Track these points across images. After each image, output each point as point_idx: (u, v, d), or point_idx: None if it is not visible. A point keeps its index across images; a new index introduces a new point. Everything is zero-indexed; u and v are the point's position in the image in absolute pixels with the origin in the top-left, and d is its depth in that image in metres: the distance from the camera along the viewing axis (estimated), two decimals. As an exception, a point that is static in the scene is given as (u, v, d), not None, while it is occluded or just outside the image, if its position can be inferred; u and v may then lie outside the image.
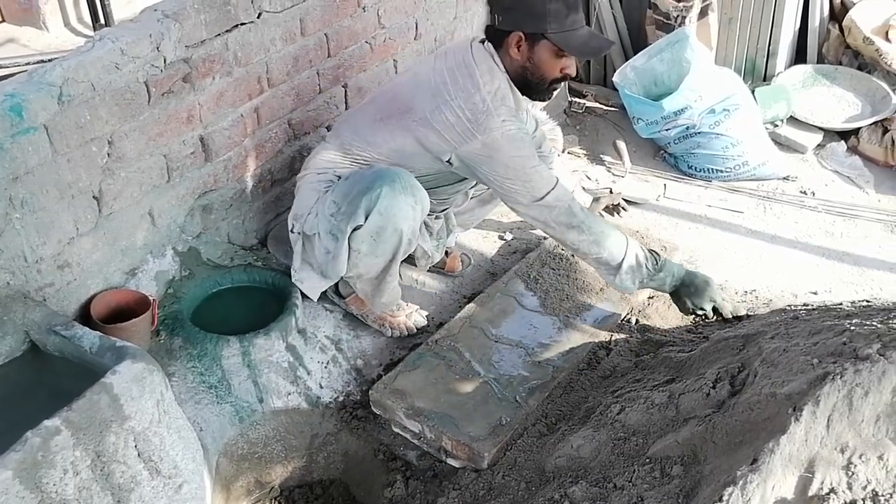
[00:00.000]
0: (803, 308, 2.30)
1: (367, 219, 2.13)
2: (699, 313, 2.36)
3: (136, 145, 2.15)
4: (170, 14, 2.13)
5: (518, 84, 2.21)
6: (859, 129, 3.38)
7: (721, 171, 3.25)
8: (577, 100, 3.74)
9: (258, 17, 2.35)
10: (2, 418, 1.72)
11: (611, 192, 3.05)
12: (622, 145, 3.46)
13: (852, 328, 1.64)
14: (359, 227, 2.15)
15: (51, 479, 1.52)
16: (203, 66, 2.25)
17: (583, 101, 3.75)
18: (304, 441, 2.24)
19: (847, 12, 3.61)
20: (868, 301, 2.29)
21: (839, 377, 1.45)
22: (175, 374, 2.16)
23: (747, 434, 1.54)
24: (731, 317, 2.37)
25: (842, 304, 2.27)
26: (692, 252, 2.88)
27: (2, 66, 3.56)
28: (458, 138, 2.14)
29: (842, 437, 1.43)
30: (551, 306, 2.49)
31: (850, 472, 1.41)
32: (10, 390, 1.81)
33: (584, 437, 1.86)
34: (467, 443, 2.03)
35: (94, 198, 2.10)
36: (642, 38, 3.62)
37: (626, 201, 3.06)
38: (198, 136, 2.34)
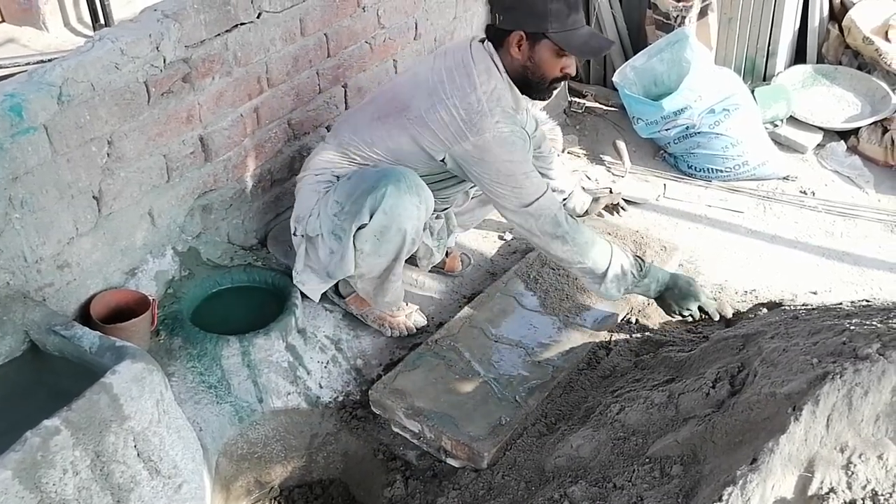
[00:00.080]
0: (803, 308, 2.30)
1: (371, 218, 2.13)
2: (685, 315, 2.36)
3: (136, 145, 2.15)
4: (169, 14, 2.13)
5: (518, 83, 2.21)
6: (859, 128, 3.38)
7: (721, 171, 3.25)
8: (577, 100, 3.74)
9: (258, 17, 2.35)
10: (1, 418, 1.72)
11: (610, 192, 3.05)
12: (622, 145, 3.46)
13: (852, 328, 1.64)
14: (363, 227, 2.15)
15: (50, 478, 1.52)
16: (203, 66, 2.25)
17: (583, 100, 3.75)
18: (304, 441, 2.24)
19: (847, 12, 3.61)
20: (868, 301, 2.29)
21: (839, 377, 1.45)
22: (175, 373, 2.16)
23: (747, 434, 1.54)
24: (717, 316, 2.36)
25: (841, 303, 2.27)
26: (692, 252, 2.88)
27: (2, 66, 3.56)
28: (451, 138, 2.14)
29: (841, 436, 1.43)
30: (551, 306, 2.49)
31: (849, 472, 1.41)
32: (10, 390, 1.81)
33: (584, 436, 1.86)
34: (467, 442, 2.03)
35: (93, 198, 2.10)
36: (642, 38, 3.62)
37: (625, 201, 3.06)
38: (197, 136, 2.34)
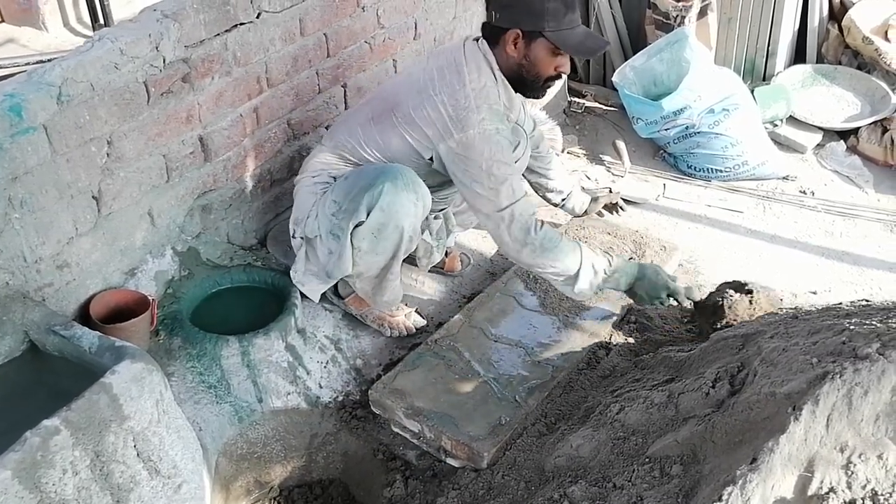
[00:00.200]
0: (792, 309, 2.29)
1: (368, 215, 2.13)
2: (655, 304, 2.34)
3: (136, 145, 2.15)
4: (169, 14, 2.13)
5: (513, 81, 2.21)
6: (859, 128, 3.39)
7: (720, 171, 3.25)
8: (577, 99, 3.74)
9: (257, 17, 2.35)
10: (1, 418, 1.72)
11: (610, 192, 3.05)
12: (621, 145, 3.46)
13: (852, 327, 1.64)
14: (360, 224, 2.15)
15: (50, 478, 1.52)
16: (202, 66, 2.25)
17: (582, 100, 3.75)
18: (304, 441, 2.24)
19: (846, 12, 3.61)
20: (867, 300, 2.28)
21: (839, 376, 1.45)
22: (174, 373, 2.16)
23: (747, 433, 1.54)
24: (687, 302, 2.35)
25: (841, 303, 2.27)
26: (692, 252, 2.88)
27: (1, 67, 3.56)
28: (437, 134, 2.14)
29: (841, 436, 1.43)
30: (550, 306, 2.49)
31: (849, 472, 1.41)
32: (10, 390, 1.81)
33: (584, 436, 1.86)
34: (467, 442, 2.03)
35: (93, 198, 2.10)
36: (642, 38, 3.62)
37: (625, 201, 3.06)
38: (197, 136, 2.34)
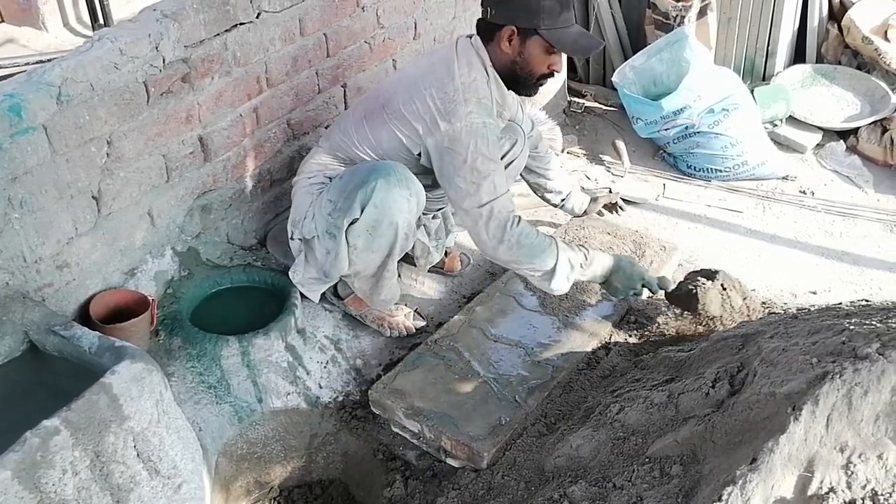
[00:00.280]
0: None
1: (362, 212, 2.13)
2: (630, 294, 2.34)
3: (135, 145, 2.15)
4: (169, 14, 2.13)
5: (506, 78, 2.22)
6: (858, 128, 3.39)
7: (720, 171, 3.25)
8: (577, 99, 3.74)
9: (257, 17, 2.35)
10: (1, 418, 1.72)
11: (610, 192, 3.05)
12: (621, 145, 3.46)
13: (851, 327, 1.64)
14: (355, 222, 2.15)
15: (50, 479, 1.52)
16: (202, 66, 2.25)
17: (582, 100, 3.75)
18: (304, 441, 2.24)
19: (846, 12, 3.61)
20: (867, 300, 2.29)
21: (838, 376, 1.45)
22: (174, 374, 2.16)
23: (747, 433, 1.54)
24: (660, 292, 2.36)
25: (841, 303, 2.27)
26: (691, 252, 2.88)
27: (1, 67, 3.56)
28: (426, 129, 2.14)
29: (841, 436, 1.43)
30: (550, 306, 2.49)
31: (849, 472, 1.41)
32: (10, 390, 1.81)
33: (584, 436, 1.86)
34: (467, 442, 2.03)
35: (93, 198, 2.10)
36: (641, 38, 3.62)
37: (624, 201, 3.06)
38: (197, 136, 2.34)
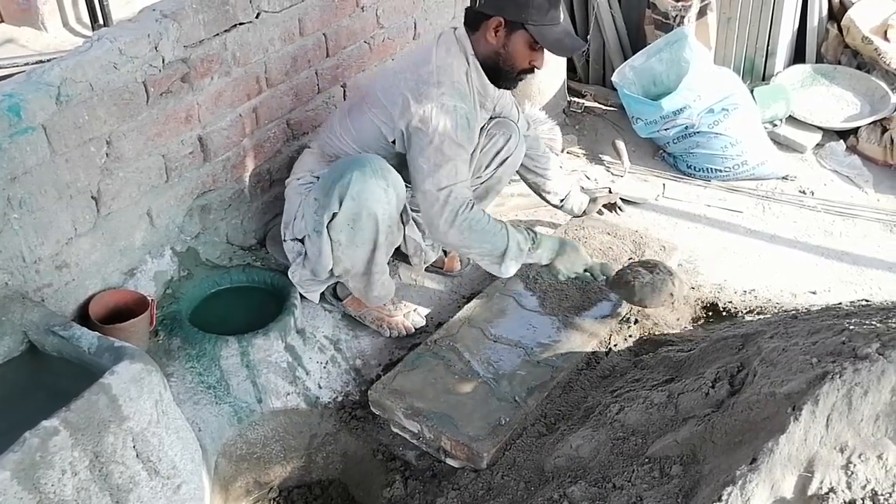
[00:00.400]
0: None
1: (341, 206, 2.14)
2: (572, 277, 2.36)
3: (135, 145, 2.15)
4: (168, 14, 2.13)
5: (487, 69, 2.23)
6: (858, 128, 3.38)
7: (720, 171, 3.25)
8: (576, 99, 3.74)
9: (257, 17, 2.35)
10: (0, 418, 1.72)
11: (609, 192, 3.05)
12: (621, 145, 3.46)
13: (851, 327, 1.64)
14: (335, 217, 2.16)
15: (49, 479, 1.52)
16: (201, 66, 2.25)
17: (582, 100, 3.75)
18: (303, 441, 2.24)
19: (846, 12, 3.61)
20: (867, 300, 2.29)
21: (838, 376, 1.45)
22: (174, 374, 2.16)
23: (746, 434, 1.54)
24: (602, 277, 2.38)
25: (841, 303, 2.27)
26: (691, 252, 2.88)
27: (0, 67, 3.56)
28: (399, 111, 2.16)
29: (841, 436, 1.43)
30: (550, 306, 2.48)
31: (849, 472, 1.41)
32: (9, 391, 1.81)
33: (584, 436, 1.86)
34: (466, 443, 2.03)
35: (92, 198, 2.10)
36: (641, 38, 3.62)
37: (624, 201, 3.06)
38: (196, 136, 2.34)
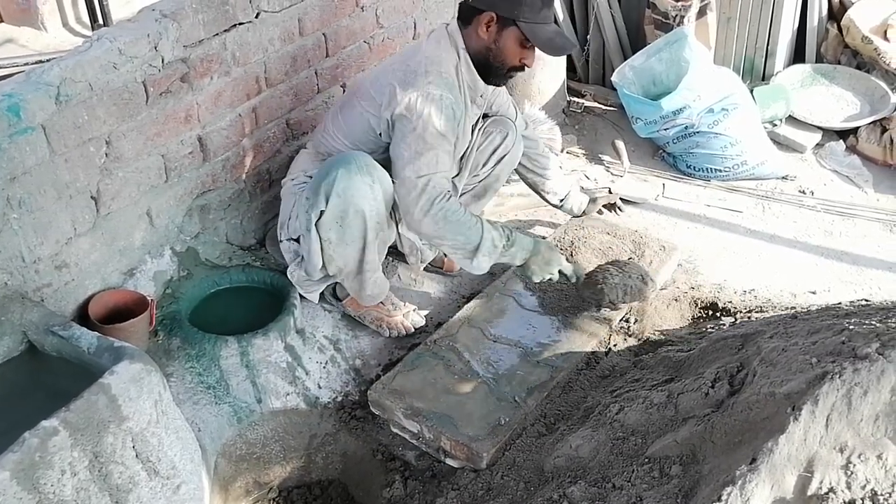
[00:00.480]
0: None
1: (328, 204, 2.15)
2: (546, 278, 2.35)
3: (134, 145, 2.15)
4: (168, 14, 2.13)
5: (477, 64, 2.23)
6: (858, 128, 3.38)
7: (720, 171, 3.25)
8: (576, 99, 3.74)
9: (256, 17, 2.35)
10: (0, 419, 1.72)
11: (609, 192, 3.05)
12: (621, 145, 3.46)
13: (851, 327, 1.64)
14: (323, 215, 2.16)
15: (48, 479, 1.52)
16: (201, 66, 2.25)
17: (581, 100, 3.75)
18: (303, 441, 2.24)
19: (845, 11, 3.61)
20: (867, 300, 2.29)
21: (838, 376, 1.45)
22: (173, 374, 2.16)
23: (746, 434, 1.54)
24: (575, 278, 2.38)
25: (840, 303, 2.27)
26: (691, 252, 2.88)
27: (0, 67, 3.56)
28: (386, 101, 2.16)
29: (841, 436, 1.43)
30: (550, 306, 2.48)
31: (849, 472, 1.41)
32: (8, 391, 1.81)
33: (583, 436, 1.86)
34: (466, 443, 2.03)
35: (91, 198, 2.10)
36: (641, 38, 3.62)
37: (624, 201, 3.06)
38: (196, 136, 2.34)
